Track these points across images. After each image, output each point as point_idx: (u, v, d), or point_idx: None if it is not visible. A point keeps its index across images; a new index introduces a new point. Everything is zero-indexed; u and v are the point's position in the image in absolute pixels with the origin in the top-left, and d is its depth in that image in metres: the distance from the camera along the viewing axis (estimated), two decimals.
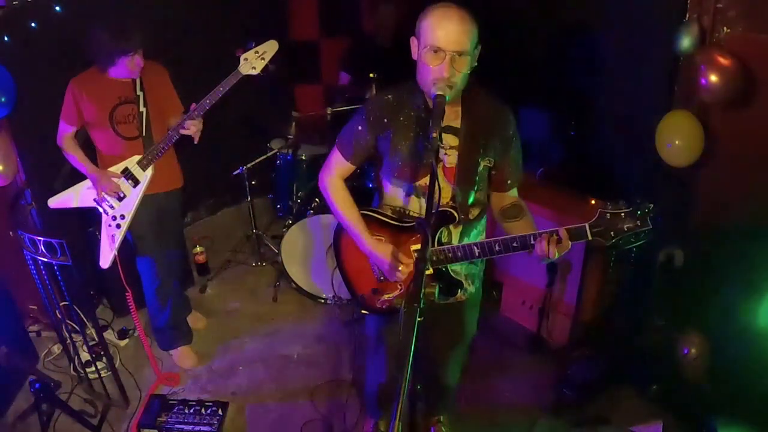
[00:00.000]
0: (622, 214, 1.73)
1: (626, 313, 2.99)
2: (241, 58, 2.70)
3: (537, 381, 3.09)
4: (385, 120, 1.93)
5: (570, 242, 1.77)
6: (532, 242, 1.79)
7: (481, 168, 1.94)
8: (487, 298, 3.65)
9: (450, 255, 1.91)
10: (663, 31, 2.64)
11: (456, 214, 1.91)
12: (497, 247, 1.84)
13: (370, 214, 2.06)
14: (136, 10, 3.44)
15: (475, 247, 1.87)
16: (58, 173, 3.19)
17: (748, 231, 2.49)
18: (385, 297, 2.11)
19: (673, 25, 2.55)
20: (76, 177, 2.90)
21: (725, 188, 2.62)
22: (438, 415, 2.75)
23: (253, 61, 2.70)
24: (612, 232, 1.74)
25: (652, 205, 1.72)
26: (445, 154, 1.91)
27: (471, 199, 1.98)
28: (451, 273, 2.02)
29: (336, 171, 2.08)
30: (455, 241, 1.99)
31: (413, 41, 1.81)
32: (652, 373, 2.90)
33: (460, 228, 2.00)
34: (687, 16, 2.53)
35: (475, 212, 2.02)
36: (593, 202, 3.20)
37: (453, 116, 1.88)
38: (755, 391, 2.42)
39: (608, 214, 1.74)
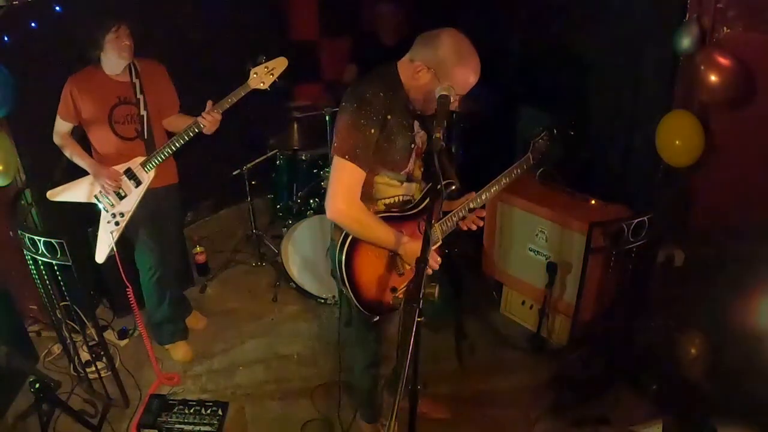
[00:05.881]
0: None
1: (626, 313, 2.99)
2: (251, 72, 2.69)
3: (537, 381, 3.08)
4: (389, 117, 1.92)
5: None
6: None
7: None
8: (487, 298, 3.71)
9: (455, 219, 2.12)
10: (663, 31, 2.64)
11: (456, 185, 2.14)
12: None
13: (384, 215, 2.04)
14: (136, 9, 3.43)
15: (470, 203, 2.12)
16: (58, 164, 3.18)
17: (747, 231, 2.49)
18: (400, 290, 2.09)
19: (673, 25, 2.55)
20: (75, 170, 2.88)
21: (725, 188, 2.62)
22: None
23: (263, 76, 2.69)
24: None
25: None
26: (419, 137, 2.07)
27: None
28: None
29: (359, 190, 1.91)
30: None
31: (424, 69, 1.85)
32: (652, 373, 2.90)
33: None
34: (687, 16, 2.54)
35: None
36: (593, 202, 3.19)
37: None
38: (755, 391, 2.42)
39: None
